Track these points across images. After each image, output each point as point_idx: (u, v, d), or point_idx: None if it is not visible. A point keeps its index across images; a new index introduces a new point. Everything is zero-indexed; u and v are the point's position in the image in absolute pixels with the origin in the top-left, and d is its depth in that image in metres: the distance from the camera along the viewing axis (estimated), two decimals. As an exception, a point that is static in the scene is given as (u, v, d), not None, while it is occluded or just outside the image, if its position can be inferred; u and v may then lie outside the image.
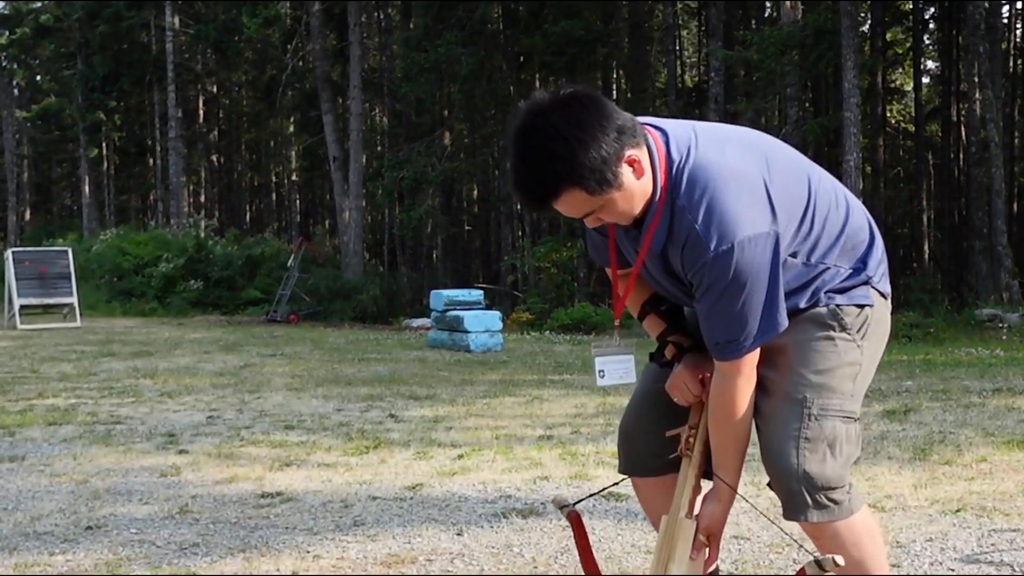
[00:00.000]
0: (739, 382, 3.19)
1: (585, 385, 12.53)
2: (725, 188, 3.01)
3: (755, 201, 3.02)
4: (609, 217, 3.13)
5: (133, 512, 6.35)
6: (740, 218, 2.98)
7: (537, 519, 6.00)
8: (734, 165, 3.07)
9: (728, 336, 3.09)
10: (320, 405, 11.05)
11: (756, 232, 2.98)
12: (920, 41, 41.46)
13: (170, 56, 45.42)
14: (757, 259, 2.99)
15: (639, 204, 3.10)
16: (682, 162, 3.08)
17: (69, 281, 26.18)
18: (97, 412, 10.54)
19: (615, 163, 2.99)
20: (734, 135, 3.26)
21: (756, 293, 3.02)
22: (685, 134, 3.16)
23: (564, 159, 2.94)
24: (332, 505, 6.44)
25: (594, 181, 2.97)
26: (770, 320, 3.07)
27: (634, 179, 3.04)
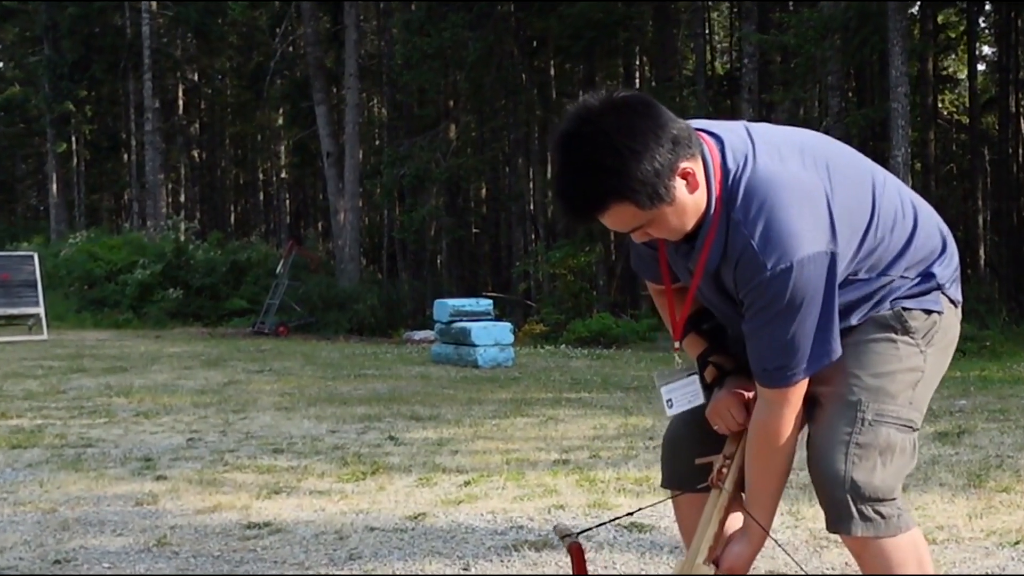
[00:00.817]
0: (785, 412, 3.19)
1: (605, 404, 12.53)
2: (785, 202, 3.03)
3: (816, 217, 3.04)
4: (659, 232, 3.15)
5: (106, 544, 6.36)
6: (800, 236, 3.00)
7: (551, 552, 6.00)
8: (794, 176, 3.09)
9: (777, 363, 3.10)
10: (312, 426, 11.06)
11: (815, 251, 3.00)
12: (975, 24, 41.38)
13: (146, 40, 45.45)
14: (814, 281, 3.01)
15: (692, 219, 3.13)
16: (739, 172, 3.09)
17: (35, 289, 26.19)
18: (66, 434, 10.55)
19: (668, 176, 3.00)
20: (793, 140, 3.26)
21: (810, 317, 3.04)
22: (741, 141, 3.17)
23: (614, 171, 2.96)
24: (325, 537, 6.45)
25: (645, 196, 2.99)
26: (823, 347, 3.09)
27: (687, 193, 3.07)
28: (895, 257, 3.24)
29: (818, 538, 6.04)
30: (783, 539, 6.07)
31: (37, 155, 62.13)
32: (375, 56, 46.71)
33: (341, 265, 36.17)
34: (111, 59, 50.25)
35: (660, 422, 10.98)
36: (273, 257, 37.35)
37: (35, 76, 52.36)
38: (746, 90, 31.30)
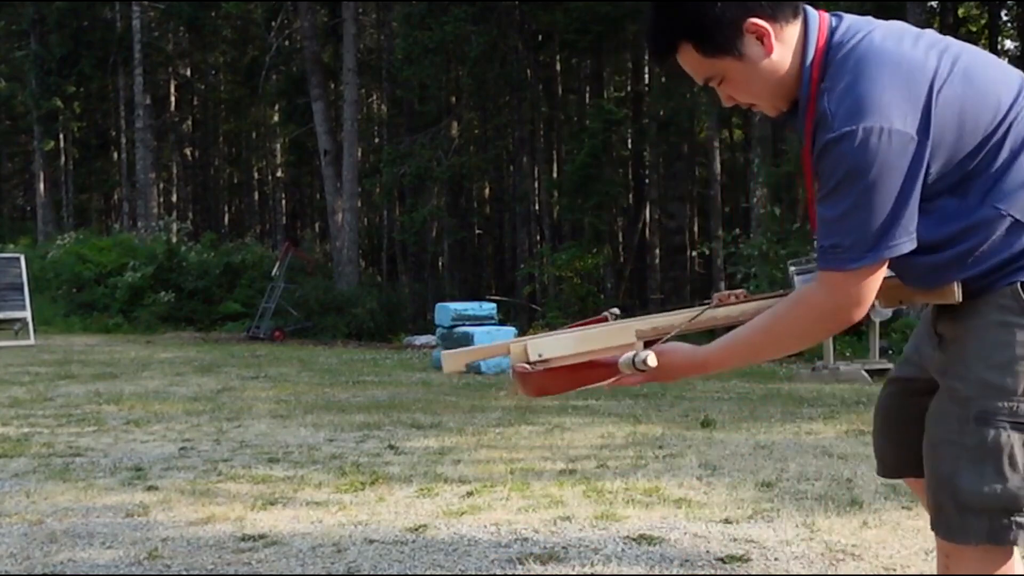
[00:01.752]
0: (822, 298, 3.04)
1: (613, 412, 12.52)
2: (875, 74, 2.91)
3: (908, 96, 2.89)
4: (736, 93, 3.13)
5: (95, 557, 6.35)
6: (877, 105, 2.86)
7: (558, 565, 5.99)
8: (899, 53, 2.97)
9: (831, 239, 2.96)
10: (309, 435, 11.06)
11: (891, 126, 2.84)
12: (997, 17, 41.36)
13: (137, 35, 45.51)
14: (883, 156, 2.84)
15: (764, 87, 3.08)
16: (844, 46, 3.00)
17: (21, 292, 26.22)
18: (53, 443, 10.56)
19: (732, 25, 2.99)
20: (929, 33, 3.13)
21: (875, 197, 2.88)
22: (866, 23, 3.08)
23: (679, 8, 3.03)
24: (323, 549, 6.44)
25: (705, 38, 3.01)
26: (886, 237, 2.91)
27: (760, 52, 3.02)
28: (1016, 188, 2.99)
29: (834, 551, 6.04)
30: (798, 552, 6.07)
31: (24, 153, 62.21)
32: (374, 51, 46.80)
33: (339, 267, 36.18)
34: (100, 54, 50.29)
35: (670, 430, 10.98)
36: (268, 259, 37.38)
37: (22, 71, 52.40)
38: (760, 85, 31.27)
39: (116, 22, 51.20)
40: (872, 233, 2.89)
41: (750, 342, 3.19)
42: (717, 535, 6.63)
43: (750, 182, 32.35)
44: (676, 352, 3.26)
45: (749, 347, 3.22)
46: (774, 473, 8.53)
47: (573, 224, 37.64)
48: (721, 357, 3.24)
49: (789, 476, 8.40)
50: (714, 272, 35.12)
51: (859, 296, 2.99)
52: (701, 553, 6.24)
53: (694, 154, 44.26)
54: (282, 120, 51.82)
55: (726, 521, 6.98)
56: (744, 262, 27.13)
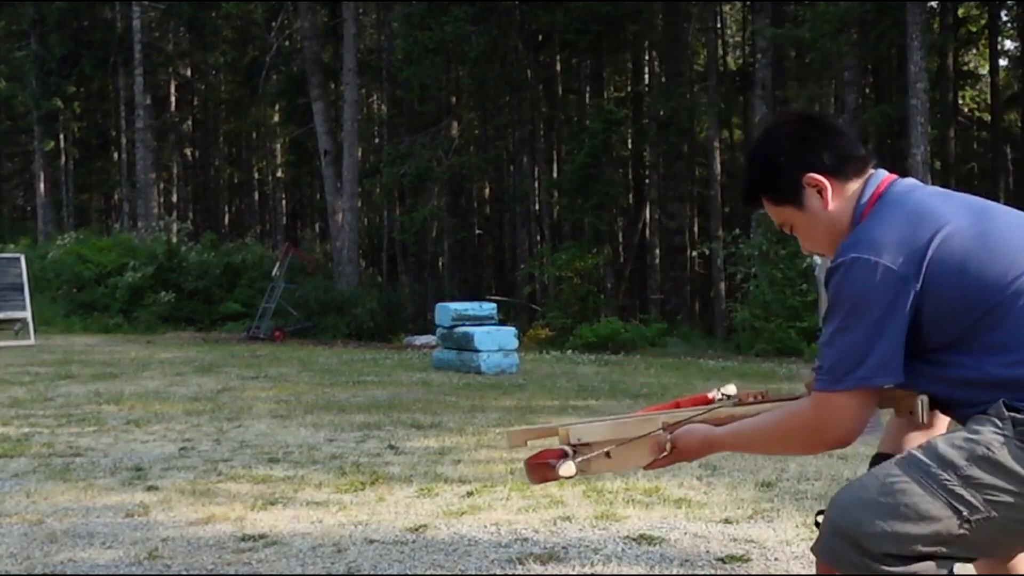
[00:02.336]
0: (805, 414, 3.17)
1: (613, 412, 12.50)
2: (889, 214, 3.10)
3: (907, 239, 3.01)
4: (802, 240, 3.37)
5: (95, 557, 6.35)
6: (874, 240, 3.03)
7: (558, 565, 5.99)
8: (921, 203, 3.13)
9: (819, 360, 3.12)
10: (309, 435, 11.05)
11: (876, 260, 2.99)
12: (997, 18, 41.37)
13: (137, 35, 45.46)
14: (864, 287, 2.98)
15: (825, 236, 3.28)
16: (886, 198, 3.18)
17: (22, 293, 26.19)
18: (53, 443, 10.55)
19: (793, 178, 3.24)
20: (975, 200, 3.25)
21: (853, 324, 3.01)
22: (921, 185, 3.27)
23: (758, 161, 3.34)
24: (323, 549, 6.44)
25: (772, 188, 3.31)
26: (858, 369, 3.00)
27: (819, 204, 3.24)
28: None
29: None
30: (798, 552, 6.07)
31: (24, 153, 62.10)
32: (374, 51, 46.76)
33: (339, 267, 36.18)
34: (101, 54, 50.25)
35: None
36: (268, 259, 37.37)
37: (22, 72, 52.28)
38: (759, 86, 31.31)
39: (116, 22, 51.13)
40: (848, 361, 3.02)
41: (748, 437, 3.36)
42: (717, 535, 6.63)
43: (750, 182, 32.31)
44: (692, 433, 3.45)
45: (747, 442, 3.41)
46: (774, 473, 8.53)
47: (573, 224, 37.62)
48: (725, 443, 3.42)
49: (789, 476, 8.40)
50: (714, 272, 35.15)
51: (837, 420, 3.10)
52: (701, 553, 6.24)
53: (694, 154, 44.27)
54: (282, 120, 51.81)
55: (726, 521, 6.98)
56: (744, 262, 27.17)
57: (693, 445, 3.43)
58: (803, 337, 24.07)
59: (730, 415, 3.48)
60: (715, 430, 3.41)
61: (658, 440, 3.45)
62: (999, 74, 42.82)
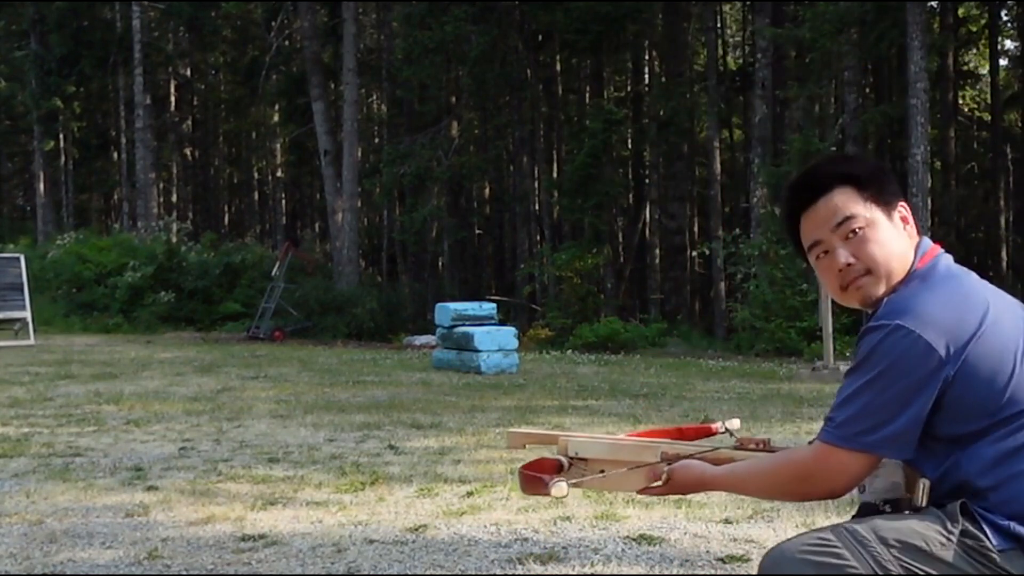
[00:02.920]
0: (802, 460, 3.13)
1: (613, 412, 12.52)
2: (938, 287, 3.06)
3: (955, 321, 2.96)
4: (866, 246, 3.19)
5: (95, 557, 6.35)
6: (922, 312, 2.96)
7: (558, 565, 5.99)
8: (974, 288, 3.09)
9: (832, 411, 3.06)
10: (309, 435, 11.06)
11: (918, 332, 2.93)
12: (997, 18, 41.38)
13: (137, 35, 45.45)
14: (901, 356, 2.94)
15: (891, 257, 3.19)
16: (936, 266, 3.17)
17: (21, 292, 26.18)
18: (53, 443, 10.56)
19: (894, 192, 3.25)
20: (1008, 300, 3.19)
21: (876, 388, 2.96)
22: (970, 272, 3.23)
23: (847, 161, 3.33)
24: (323, 549, 6.44)
25: (870, 183, 3.22)
26: (868, 433, 2.97)
27: (899, 227, 3.23)
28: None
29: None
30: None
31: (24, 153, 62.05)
32: (374, 51, 46.77)
33: (339, 267, 36.18)
34: (100, 54, 50.21)
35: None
36: (268, 259, 37.34)
37: (21, 71, 52.25)
38: (759, 86, 31.31)
39: (116, 22, 51.11)
40: (863, 423, 2.98)
41: (742, 479, 3.31)
42: (717, 535, 6.63)
43: (750, 182, 32.35)
44: (689, 469, 3.40)
45: (741, 484, 3.34)
46: (774, 473, 8.52)
47: (573, 224, 37.61)
48: (718, 482, 3.37)
49: (789, 476, 8.39)
50: (714, 272, 35.13)
51: (833, 474, 3.07)
52: (701, 553, 6.24)
53: (694, 154, 44.26)
54: (282, 120, 51.79)
55: (726, 521, 6.98)
56: (744, 262, 27.17)
57: (689, 481, 3.38)
58: (803, 337, 24.08)
59: (729, 457, 3.44)
60: (711, 469, 3.36)
61: (655, 469, 3.43)
62: (999, 74, 42.81)
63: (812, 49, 29.46)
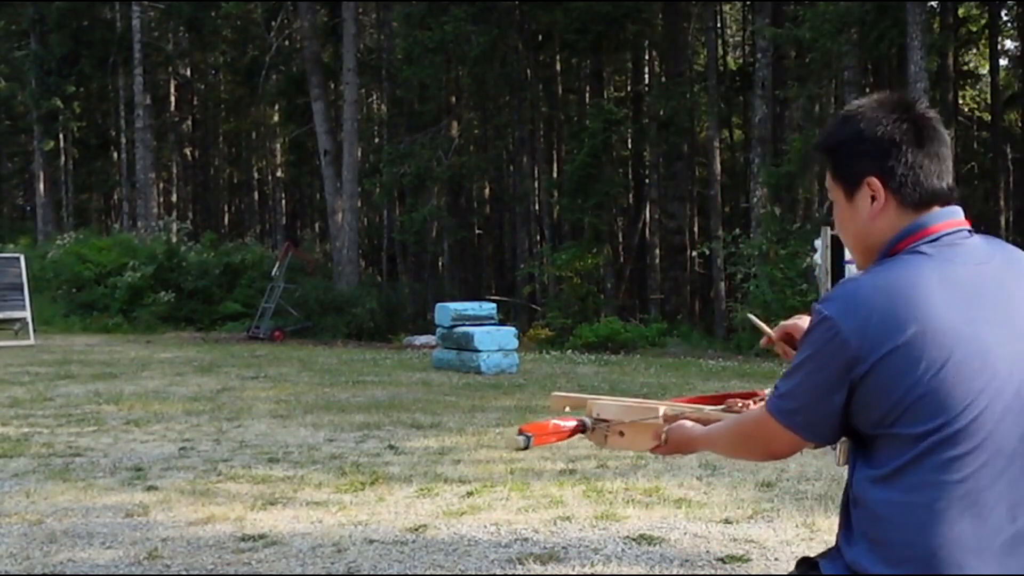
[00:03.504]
0: (753, 422, 3.16)
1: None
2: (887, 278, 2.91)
3: (880, 320, 2.84)
4: (836, 226, 3.22)
5: (94, 557, 6.35)
6: (853, 306, 2.88)
7: (558, 565, 6.00)
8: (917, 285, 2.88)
9: (780, 381, 3.05)
10: (309, 435, 11.06)
11: (842, 331, 2.86)
12: (997, 18, 41.35)
13: (137, 34, 45.46)
14: (823, 352, 2.89)
15: (853, 240, 3.16)
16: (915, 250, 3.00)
17: (21, 292, 26.16)
18: (53, 443, 10.56)
19: (858, 168, 3.07)
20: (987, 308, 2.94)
21: (806, 376, 2.94)
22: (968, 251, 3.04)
23: (825, 131, 3.20)
24: (323, 549, 6.44)
25: (839, 164, 3.12)
26: (792, 413, 2.98)
27: (866, 209, 3.06)
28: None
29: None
30: (798, 552, 6.07)
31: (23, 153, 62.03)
32: (374, 50, 46.72)
33: (339, 267, 36.16)
34: (100, 54, 50.20)
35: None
36: (268, 259, 37.31)
37: (21, 71, 52.26)
38: (759, 86, 31.29)
39: (116, 22, 51.11)
40: (791, 399, 2.98)
41: (715, 440, 3.35)
42: (717, 535, 6.64)
43: (750, 182, 32.34)
44: (680, 429, 3.46)
45: (714, 442, 3.36)
46: (774, 473, 8.53)
47: (573, 224, 37.60)
48: (698, 442, 3.42)
49: (789, 476, 8.40)
50: (714, 272, 35.12)
51: (771, 441, 3.08)
52: (701, 553, 6.24)
53: (694, 154, 44.24)
54: (282, 120, 51.79)
55: (726, 521, 6.98)
56: (744, 262, 27.14)
57: (681, 441, 3.43)
58: (803, 337, 24.04)
59: (719, 418, 3.48)
60: (697, 430, 3.41)
61: (658, 429, 3.50)
62: (999, 74, 42.78)
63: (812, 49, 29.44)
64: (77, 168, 56.47)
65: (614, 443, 3.69)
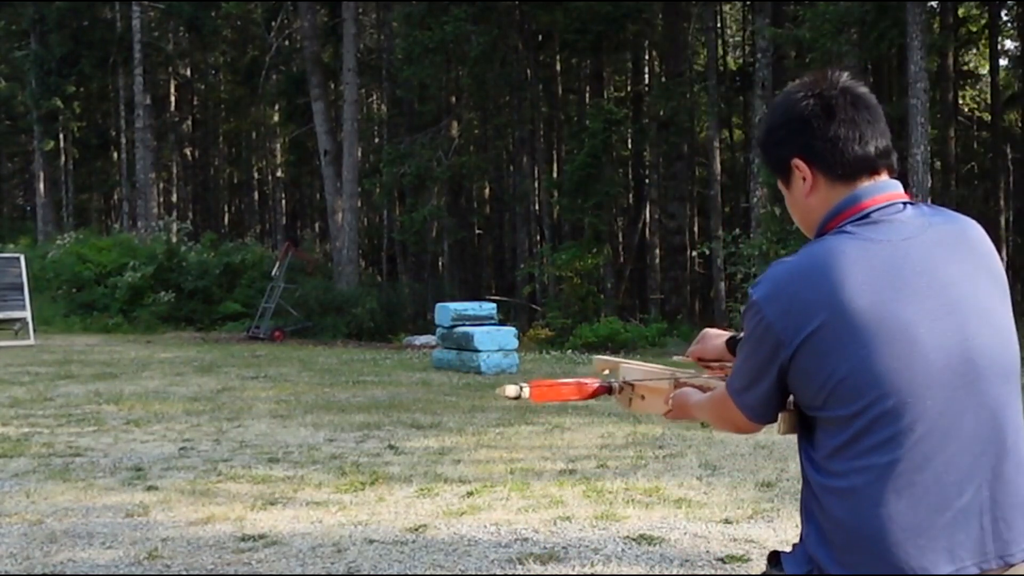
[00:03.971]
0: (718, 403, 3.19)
1: (612, 412, 12.51)
2: (811, 260, 2.90)
3: (802, 302, 2.82)
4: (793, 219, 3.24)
5: (95, 557, 6.35)
6: (777, 289, 2.88)
7: (558, 565, 5.99)
8: (838, 262, 2.84)
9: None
10: (309, 435, 11.05)
11: (766, 315, 2.87)
12: (997, 18, 41.35)
13: (137, 34, 45.46)
14: (753, 336, 2.93)
15: (802, 220, 3.16)
16: (833, 233, 2.97)
17: (21, 292, 26.15)
18: (53, 443, 10.56)
19: (782, 155, 3.10)
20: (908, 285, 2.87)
21: (746, 357, 2.99)
22: (913, 209, 2.99)
23: (765, 124, 3.20)
24: (323, 549, 6.44)
25: (767, 156, 3.20)
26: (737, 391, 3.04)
27: (801, 190, 3.07)
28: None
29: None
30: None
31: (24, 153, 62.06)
32: (374, 51, 46.73)
33: (339, 267, 36.17)
34: (100, 54, 50.20)
35: (670, 430, 10.97)
36: (268, 259, 37.31)
37: (21, 71, 52.26)
38: (759, 86, 31.29)
39: (116, 22, 51.11)
40: (737, 378, 3.04)
41: (702, 409, 3.37)
42: (717, 535, 6.63)
43: (750, 182, 32.35)
44: (683, 395, 3.49)
45: (702, 413, 3.39)
46: (774, 473, 8.53)
47: (573, 224, 37.59)
48: (694, 411, 3.43)
49: (789, 476, 8.39)
50: (714, 272, 35.12)
51: (732, 415, 3.10)
52: (701, 553, 6.24)
53: (694, 154, 44.25)
54: (282, 120, 51.78)
55: (726, 521, 6.98)
56: (744, 262, 27.14)
57: (682, 407, 3.47)
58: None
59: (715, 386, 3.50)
60: (694, 397, 3.43)
61: (668, 394, 3.56)
62: (999, 74, 42.78)
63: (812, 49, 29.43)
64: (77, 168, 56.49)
65: (637, 406, 3.81)
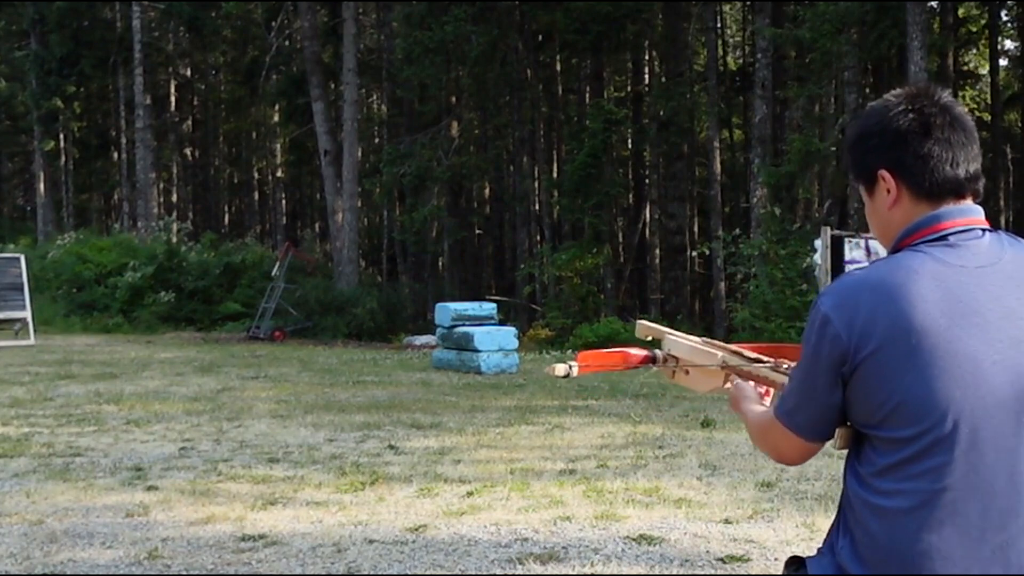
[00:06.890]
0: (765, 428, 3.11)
1: (612, 412, 12.50)
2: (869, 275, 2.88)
3: (871, 318, 2.80)
4: (870, 226, 3.21)
5: (95, 557, 6.35)
6: (847, 303, 2.84)
7: (558, 565, 5.99)
8: (908, 286, 2.81)
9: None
10: (309, 435, 11.05)
11: (835, 327, 2.83)
12: (997, 18, 41.36)
13: (137, 35, 45.44)
14: (818, 350, 2.86)
15: (882, 232, 3.11)
16: (915, 246, 2.94)
17: (22, 292, 26.15)
18: (53, 443, 10.55)
19: (869, 164, 3.06)
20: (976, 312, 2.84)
21: (805, 374, 2.93)
22: (978, 250, 2.92)
23: (858, 129, 3.15)
24: (323, 549, 6.44)
25: (854, 162, 3.14)
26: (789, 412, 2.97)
27: (884, 201, 3.03)
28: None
29: (834, 551, 6.03)
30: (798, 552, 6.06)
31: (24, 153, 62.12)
32: (374, 51, 46.73)
33: (339, 267, 36.17)
34: (101, 54, 50.20)
35: (670, 430, 10.98)
36: (268, 259, 37.31)
37: (22, 71, 52.29)
38: (759, 86, 31.29)
39: (116, 22, 51.13)
40: (791, 401, 2.98)
41: (749, 424, 3.31)
42: (717, 535, 6.63)
43: (750, 182, 32.34)
44: (739, 390, 3.45)
45: (748, 426, 3.32)
46: (774, 473, 8.53)
47: (573, 224, 37.61)
48: (743, 415, 3.36)
49: (789, 476, 8.39)
50: (714, 272, 35.12)
51: (777, 440, 3.07)
52: (701, 553, 6.24)
53: (694, 154, 44.24)
54: (282, 120, 51.78)
55: (726, 521, 6.98)
56: (744, 262, 27.15)
57: (734, 399, 3.40)
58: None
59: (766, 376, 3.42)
60: (750, 399, 3.38)
61: (716, 376, 3.57)
62: (999, 74, 42.79)
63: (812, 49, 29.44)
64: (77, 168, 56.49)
65: (680, 379, 3.76)
